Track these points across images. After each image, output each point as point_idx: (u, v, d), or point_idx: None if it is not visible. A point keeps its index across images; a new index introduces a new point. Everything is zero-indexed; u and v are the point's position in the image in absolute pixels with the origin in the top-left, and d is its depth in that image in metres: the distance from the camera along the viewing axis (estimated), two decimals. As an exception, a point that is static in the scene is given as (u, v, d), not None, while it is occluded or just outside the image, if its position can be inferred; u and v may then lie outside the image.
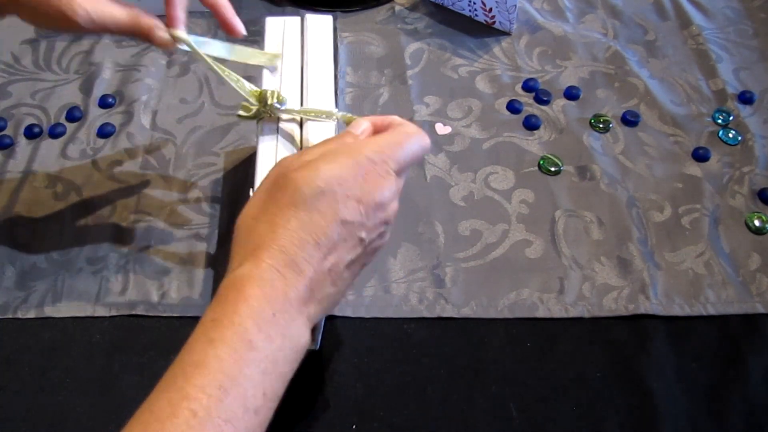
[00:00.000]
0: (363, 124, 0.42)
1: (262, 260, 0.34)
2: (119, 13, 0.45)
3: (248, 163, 0.64)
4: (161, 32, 0.46)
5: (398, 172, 0.38)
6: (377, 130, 0.42)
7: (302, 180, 0.35)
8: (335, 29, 0.78)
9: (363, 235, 0.36)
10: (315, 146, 0.39)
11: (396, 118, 0.42)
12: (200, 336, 0.32)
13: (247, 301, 0.32)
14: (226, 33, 0.49)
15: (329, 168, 0.35)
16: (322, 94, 0.50)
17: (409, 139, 0.39)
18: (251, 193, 0.45)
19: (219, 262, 0.57)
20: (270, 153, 0.46)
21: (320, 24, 0.54)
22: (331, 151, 0.37)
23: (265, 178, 0.38)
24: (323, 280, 0.35)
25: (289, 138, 0.47)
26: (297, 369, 0.47)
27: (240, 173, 0.63)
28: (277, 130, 0.48)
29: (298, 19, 0.55)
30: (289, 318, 0.33)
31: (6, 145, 0.66)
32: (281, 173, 0.36)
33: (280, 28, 0.54)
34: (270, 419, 0.33)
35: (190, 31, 0.48)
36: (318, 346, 0.52)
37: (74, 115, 0.68)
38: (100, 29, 0.45)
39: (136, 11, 0.46)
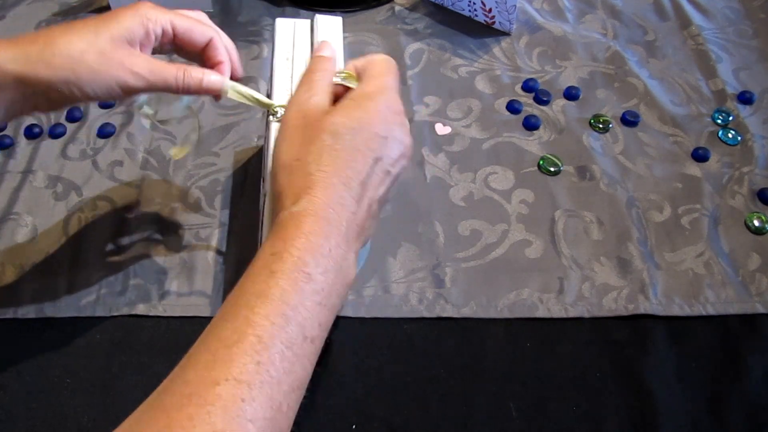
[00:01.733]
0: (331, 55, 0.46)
1: (316, 197, 0.36)
2: (168, 67, 0.44)
3: (249, 163, 0.64)
4: (213, 76, 0.46)
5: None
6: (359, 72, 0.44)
7: (339, 123, 0.38)
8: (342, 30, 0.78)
9: (390, 168, 0.38)
10: (324, 88, 0.42)
11: (371, 58, 0.44)
12: (261, 269, 0.34)
13: (306, 236, 0.34)
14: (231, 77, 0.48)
15: (359, 111, 0.39)
16: None
17: (394, 76, 0.43)
18: (263, 185, 0.45)
19: (219, 262, 0.57)
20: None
21: (331, 25, 0.54)
22: (351, 97, 0.40)
23: (286, 122, 0.40)
24: (367, 216, 0.37)
25: None
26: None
27: (240, 173, 0.63)
28: None
29: (307, 21, 0.55)
30: (343, 253, 0.35)
31: (6, 145, 0.66)
32: (308, 115, 0.39)
33: (290, 29, 0.54)
34: (320, 350, 0.34)
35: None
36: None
37: (74, 115, 0.68)
38: (150, 88, 0.44)
39: (179, 64, 0.45)
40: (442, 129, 0.68)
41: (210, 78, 0.45)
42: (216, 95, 0.47)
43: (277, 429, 0.31)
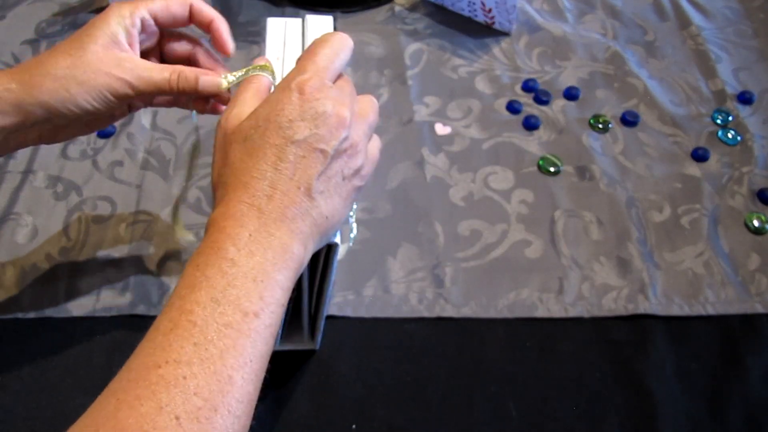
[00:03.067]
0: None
1: (230, 199, 0.37)
2: (159, 70, 0.44)
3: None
4: (208, 77, 0.46)
5: (332, 79, 0.41)
6: None
7: (246, 127, 0.38)
8: (335, 30, 0.78)
9: (323, 146, 0.38)
10: (247, 97, 0.42)
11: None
12: (188, 266, 0.36)
13: (223, 230, 0.36)
14: (217, 50, 0.49)
15: (265, 106, 0.39)
16: None
17: (322, 45, 0.41)
18: None
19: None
20: None
21: (321, 25, 0.54)
22: (261, 97, 0.41)
23: (214, 144, 0.41)
24: (295, 198, 0.37)
25: None
26: (299, 369, 0.47)
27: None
28: None
29: (299, 20, 0.55)
30: (267, 234, 0.36)
31: (6, 145, 0.66)
32: (226, 132, 0.40)
33: (281, 29, 0.54)
34: (277, 324, 0.36)
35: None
36: (318, 346, 0.52)
37: (74, 115, 0.68)
38: (143, 93, 0.44)
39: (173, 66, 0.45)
40: (442, 129, 0.68)
41: (205, 79, 0.45)
42: (215, 96, 0.47)
43: (232, 400, 0.32)
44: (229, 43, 0.48)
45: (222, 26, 0.48)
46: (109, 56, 0.43)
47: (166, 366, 0.32)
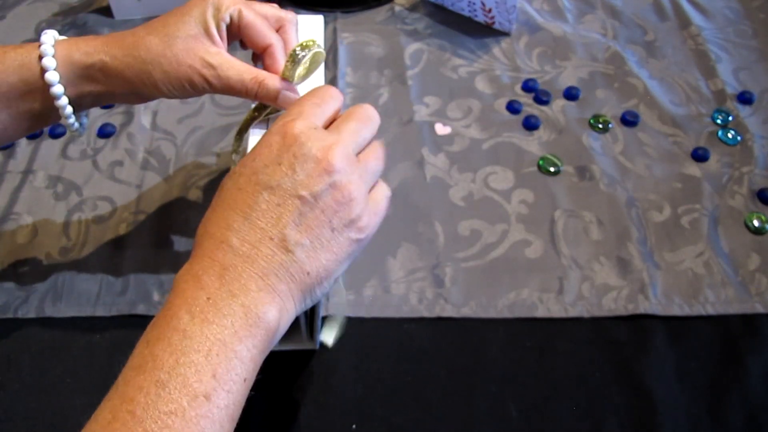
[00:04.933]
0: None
1: (195, 256, 0.34)
2: (238, 74, 0.43)
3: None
4: (289, 93, 0.44)
5: (325, 126, 0.38)
6: None
7: (227, 177, 0.36)
8: (335, 30, 0.78)
9: (302, 192, 0.34)
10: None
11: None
12: (140, 342, 0.33)
13: (182, 294, 0.32)
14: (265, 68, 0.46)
15: (248, 156, 0.36)
16: None
17: (321, 96, 0.39)
18: None
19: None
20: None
21: (311, 24, 0.54)
22: None
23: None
24: (267, 251, 0.33)
25: None
26: (299, 369, 0.46)
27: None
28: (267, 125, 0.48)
29: None
30: (229, 295, 0.32)
31: (6, 145, 0.66)
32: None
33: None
34: (238, 404, 0.32)
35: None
36: (318, 346, 0.52)
37: (74, 115, 0.68)
38: (219, 92, 0.43)
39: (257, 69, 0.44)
40: (441, 129, 0.68)
41: (286, 94, 0.43)
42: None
43: None
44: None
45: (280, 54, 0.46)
46: (198, 48, 0.42)
47: None
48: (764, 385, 0.51)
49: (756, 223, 0.60)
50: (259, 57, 0.47)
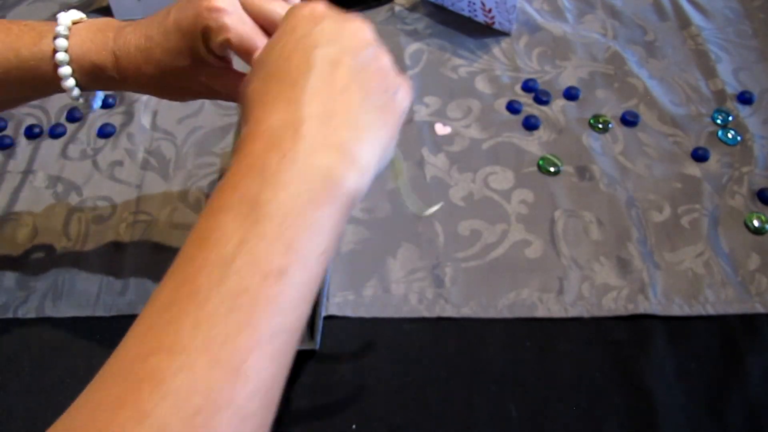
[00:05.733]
0: None
1: (258, 116, 0.30)
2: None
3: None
4: None
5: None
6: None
7: (265, 52, 0.34)
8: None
9: (345, 57, 0.32)
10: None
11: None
12: (205, 209, 0.29)
13: (250, 155, 0.28)
14: None
15: (280, 31, 0.34)
16: None
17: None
18: None
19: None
20: None
21: None
22: None
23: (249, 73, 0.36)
24: (341, 101, 0.30)
25: None
26: (299, 369, 0.46)
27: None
28: None
29: None
30: (305, 152, 0.28)
31: (6, 145, 0.66)
32: (249, 76, 0.35)
33: None
34: (314, 279, 0.28)
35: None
36: (318, 346, 0.52)
37: (74, 115, 0.68)
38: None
39: None
40: (441, 129, 0.68)
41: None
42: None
43: (241, 396, 0.25)
44: None
45: None
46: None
47: (157, 356, 0.25)
48: (764, 385, 0.51)
49: (756, 223, 0.60)
50: None
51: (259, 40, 0.38)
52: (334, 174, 0.28)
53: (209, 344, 0.25)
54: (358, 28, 0.33)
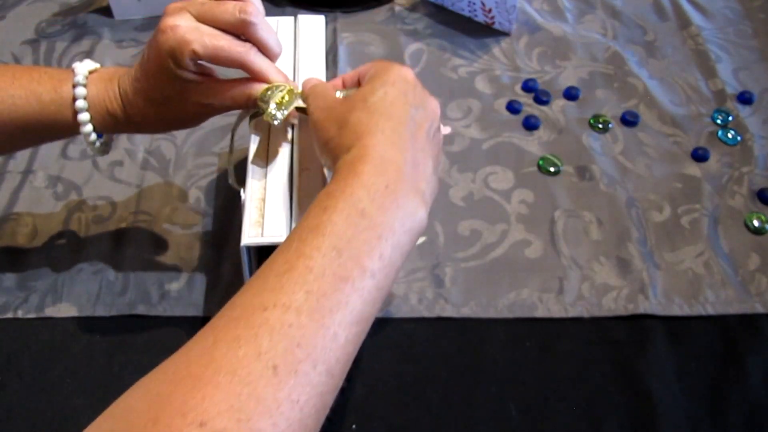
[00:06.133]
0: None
1: (367, 143, 0.36)
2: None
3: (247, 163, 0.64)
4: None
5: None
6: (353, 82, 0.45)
7: (365, 92, 0.39)
8: (335, 30, 0.78)
9: (424, 123, 0.39)
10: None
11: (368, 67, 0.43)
12: (315, 206, 0.34)
13: (359, 175, 0.35)
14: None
15: (376, 83, 0.40)
16: None
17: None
18: (242, 193, 0.45)
19: (218, 262, 0.57)
20: (262, 151, 0.47)
21: (312, 24, 0.54)
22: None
23: (314, 117, 0.41)
24: (420, 157, 0.37)
25: (282, 136, 0.48)
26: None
27: (239, 174, 0.63)
28: (269, 128, 0.48)
29: (291, 18, 0.55)
30: (403, 190, 0.35)
31: (6, 145, 0.66)
32: (334, 105, 0.40)
33: (273, 27, 0.54)
34: (388, 288, 0.34)
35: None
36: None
37: (74, 115, 0.68)
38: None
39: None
40: (441, 129, 0.68)
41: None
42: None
43: (332, 357, 0.31)
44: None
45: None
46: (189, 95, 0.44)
47: (274, 309, 0.30)
48: (764, 385, 0.51)
49: (756, 223, 0.60)
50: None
51: (223, 40, 0.42)
52: (417, 214, 0.36)
53: (317, 311, 0.30)
54: (435, 103, 0.41)
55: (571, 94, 0.71)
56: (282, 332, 0.29)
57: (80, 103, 0.44)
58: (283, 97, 0.43)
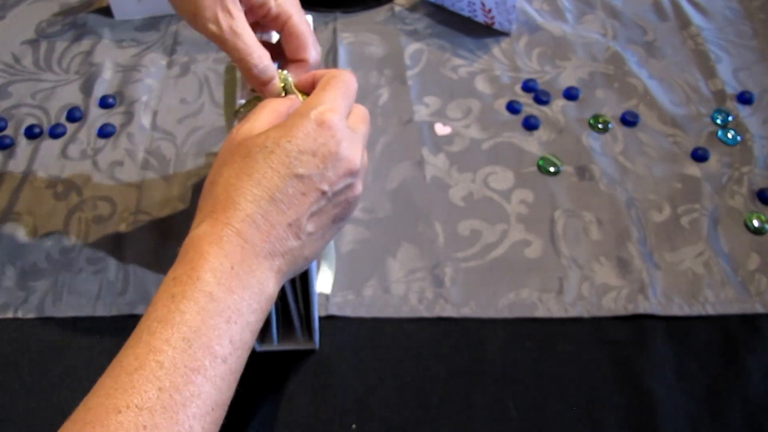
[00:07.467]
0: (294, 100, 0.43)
1: (217, 219, 0.35)
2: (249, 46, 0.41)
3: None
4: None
5: (346, 117, 0.39)
6: (309, 86, 0.42)
7: (252, 143, 0.36)
8: (335, 30, 0.78)
9: (325, 187, 0.36)
10: (263, 114, 0.40)
11: (329, 71, 0.41)
12: (162, 294, 0.34)
13: (205, 257, 0.34)
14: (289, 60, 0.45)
15: (279, 129, 0.37)
16: None
17: (338, 82, 0.40)
18: None
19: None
20: None
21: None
22: (289, 116, 0.39)
23: (221, 149, 0.39)
24: (283, 234, 0.36)
25: None
26: (299, 369, 0.47)
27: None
28: None
29: None
30: (249, 270, 0.35)
31: (6, 145, 0.66)
32: (232, 143, 0.38)
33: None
34: (241, 369, 0.34)
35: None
36: (317, 346, 0.52)
37: (74, 115, 0.68)
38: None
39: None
40: (441, 129, 0.68)
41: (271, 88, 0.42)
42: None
43: None
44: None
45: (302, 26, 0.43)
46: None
47: (127, 411, 0.30)
48: (764, 385, 0.51)
49: (756, 223, 0.60)
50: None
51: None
52: (264, 292, 0.35)
53: (170, 407, 0.30)
54: (355, 160, 0.38)
55: (571, 94, 0.71)
56: None
57: None
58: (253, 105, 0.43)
